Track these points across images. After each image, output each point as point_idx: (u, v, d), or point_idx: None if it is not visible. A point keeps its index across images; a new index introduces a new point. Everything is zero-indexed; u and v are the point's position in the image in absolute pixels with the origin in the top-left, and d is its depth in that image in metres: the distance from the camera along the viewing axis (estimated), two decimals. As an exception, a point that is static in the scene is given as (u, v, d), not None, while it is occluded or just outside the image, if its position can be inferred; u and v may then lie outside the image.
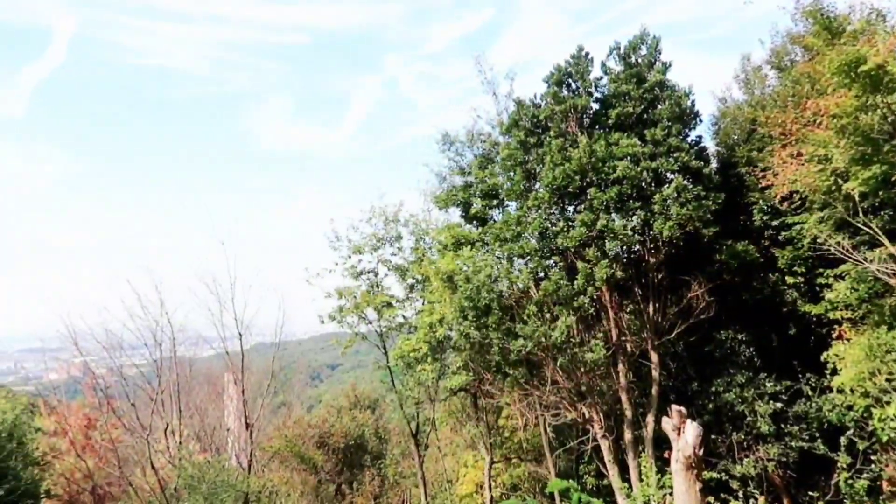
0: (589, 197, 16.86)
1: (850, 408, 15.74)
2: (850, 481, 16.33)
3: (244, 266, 23.67)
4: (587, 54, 18.38)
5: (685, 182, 16.11)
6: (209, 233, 22.37)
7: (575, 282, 16.61)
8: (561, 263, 17.76)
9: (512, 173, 18.85)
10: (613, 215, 16.80)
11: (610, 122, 17.66)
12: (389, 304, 23.54)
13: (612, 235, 16.51)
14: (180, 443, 21.74)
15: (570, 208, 18.40)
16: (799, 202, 16.28)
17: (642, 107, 17.48)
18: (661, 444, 16.63)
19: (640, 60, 17.94)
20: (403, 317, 23.99)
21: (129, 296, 22.04)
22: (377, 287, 24.31)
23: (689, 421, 10.26)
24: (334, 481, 28.93)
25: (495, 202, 21.16)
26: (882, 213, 15.10)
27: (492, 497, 22.68)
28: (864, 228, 14.33)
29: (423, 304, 23.03)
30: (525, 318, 16.96)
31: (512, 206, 20.55)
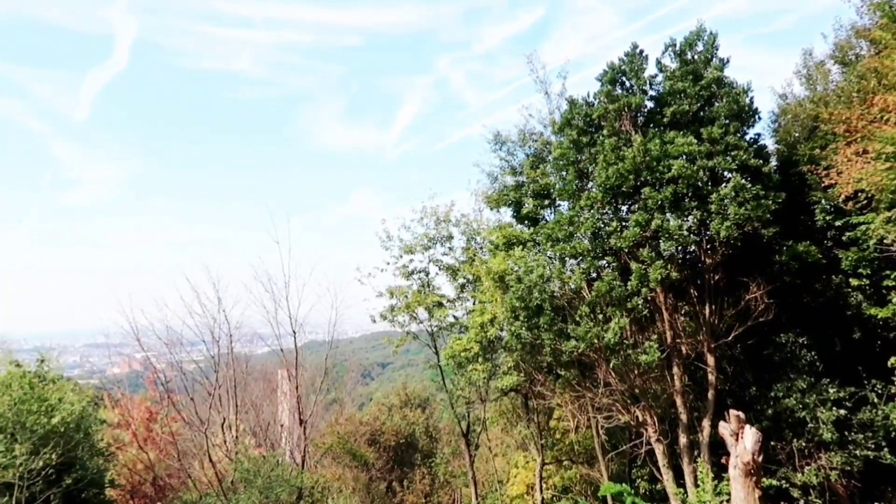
0: (643, 196, 16.61)
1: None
2: (919, 492, 15.68)
3: (299, 265, 24.10)
4: (641, 52, 18.11)
5: (743, 181, 15.69)
6: (265, 231, 22.76)
7: (628, 283, 16.39)
8: (614, 264, 17.53)
9: (564, 173, 18.71)
10: (668, 215, 16.49)
11: (665, 120, 17.36)
12: (440, 304, 23.64)
13: (666, 236, 16.22)
14: (237, 437, 22.28)
15: (624, 208, 18.17)
16: (864, 201, 15.65)
17: (699, 104, 17.13)
18: (718, 449, 16.27)
19: (696, 57, 17.56)
20: (454, 317, 24.07)
21: (187, 293, 22.68)
22: (428, 287, 24.45)
23: (747, 426, 10.03)
24: (385, 479, 29.22)
25: (547, 202, 21.06)
26: (955, 212, 14.45)
27: (543, 499, 22.55)
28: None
29: (473, 304, 23.07)
30: (577, 318, 16.81)
31: (564, 205, 20.43)
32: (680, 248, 17.19)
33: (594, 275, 18.01)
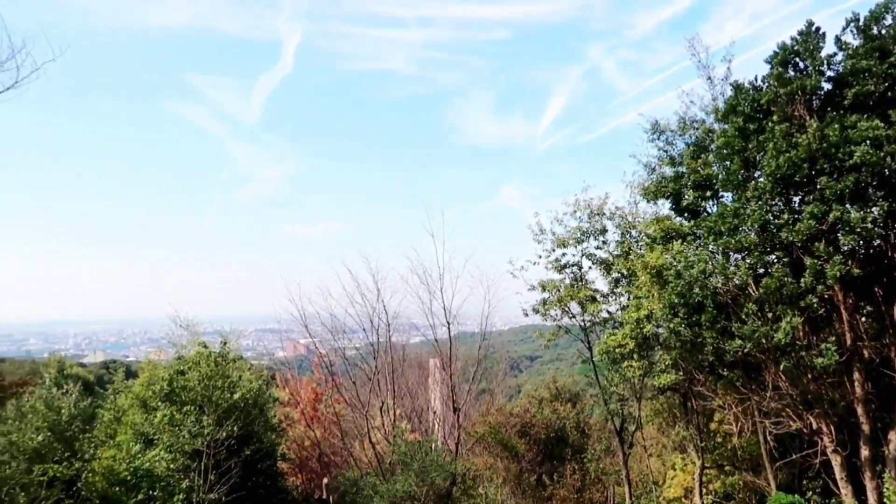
0: (819, 186, 15.32)
1: None
2: None
3: (453, 257, 24.79)
4: (818, 29, 16.66)
5: (941, 168, 14.01)
6: (421, 224, 23.66)
7: (802, 279, 15.19)
8: (785, 259, 16.30)
9: (728, 162, 17.68)
10: (849, 206, 15.08)
11: (845, 102, 15.84)
12: (594, 299, 23.24)
13: (847, 229, 14.85)
14: (394, 421, 23.35)
15: (796, 199, 16.83)
16: None
17: (886, 84, 15.47)
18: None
19: (883, 32, 15.85)
20: (608, 312, 23.56)
21: (349, 283, 24.08)
22: (581, 281, 24.12)
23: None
24: (535, 471, 29.27)
25: (709, 193, 20.00)
26: None
27: (702, 504, 21.58)
28: None
29: (628, 299, 22.45)
30: (743, 316, 15.87)
31: (727, 197, 19.31)
32: (862, 242, 15.66)
33: (762, 270, 16.88)
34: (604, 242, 23.91)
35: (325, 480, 23.71)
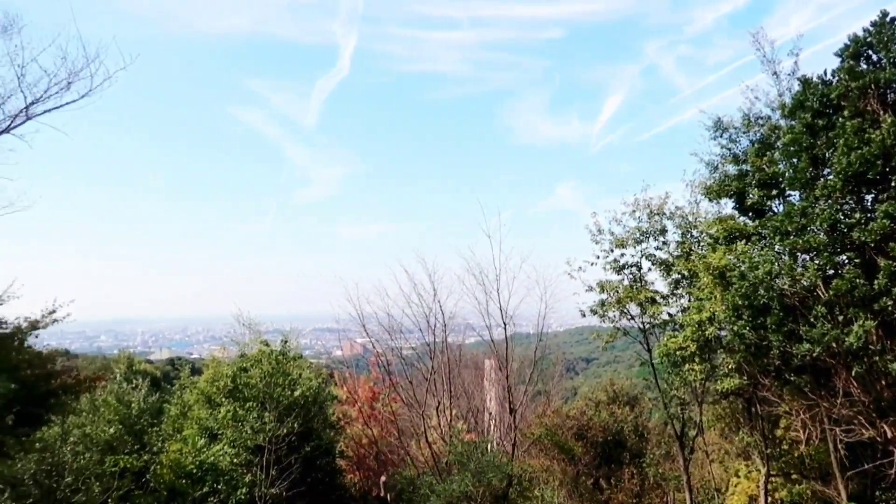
0: (894, 184, 14.67)
1: None
2: None
3: (509, 257, 24.59)
4: (893, 20, 15.94)
5: None
6: (477, 224, 23.60)
7: (875, 281, 14.56)
8: (856, 260, 15.64)
9: (796, 160, 17.08)
10: (927, 205, 14.37)
11: (923, 96, 15.14)
12: (653, 300, 22.80)
13: (925, 228, 14.17)
14: (450, 421, 23.42)
15: (869, 197, 16.13)
16: None
17: (968, 76, 14.70)
18: None
19: (965, 21, 15.09)
20: (668, 313, 23.07)
21: (406, 283, 24.24)
22: (640, 282, 23.70)
23: None
24: (592, 475, 28.92)
25: (774, 192, 19.35)
26: None
27: (767, 512, 20.91)
28: None
29: (689, 300, 21.95)
30: (811, 319, 15.31)
31: (794, 195, 18.66)
32: (941, 242, 14.90)
33: (831, 272, 16.25)
34: (664, 243, 23.43)
35: (383, 478, 23.97)
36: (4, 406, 20.68)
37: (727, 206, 21.33)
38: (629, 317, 24.07)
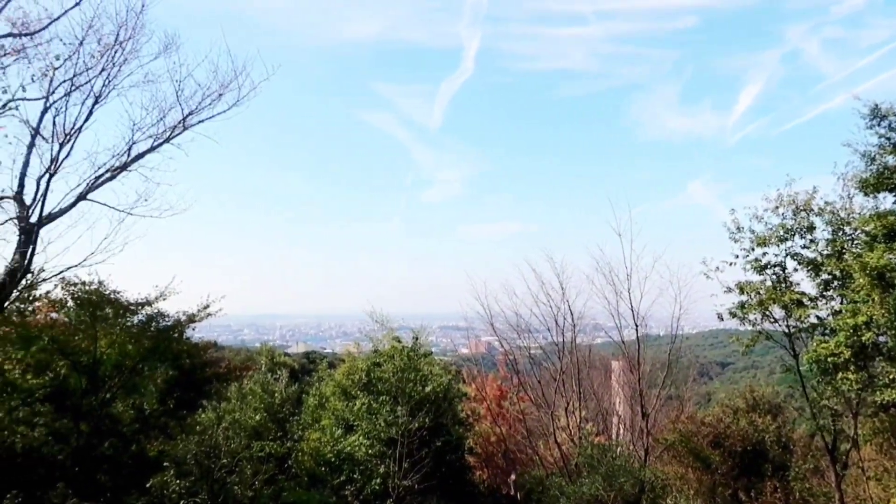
0: None
1: None
2: None
3: (641, 256, 23.81)
4: None
5: None
6: (606, 222, 23.10)
7: None
8: None
9: (971, 149, 15.41)
10: None
11: None
12: (800, 303, 21.29)
13: None
14: (580, 422, 23.11)
15: None
16: None
17: None
18: None
19: None
20: (817, 317, 21.47)
21: (533, 282, 24.14)
22: (784, 283, 22.22)
23: None
24: (731, 486, 27.45)
25: (944, 185, 17.57)
26: None
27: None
28: None
29: (842, 303, 20.34)
30: None
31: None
32: None
33: None
34: (811, 241, 21.79)
35: (513, 477, 24.06)
36: (167, 391, 22.74)
37: (886, 200, 19.57)
38: (772, 320, 22.63)
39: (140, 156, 17.92)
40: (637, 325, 22.85)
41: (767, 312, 22.27)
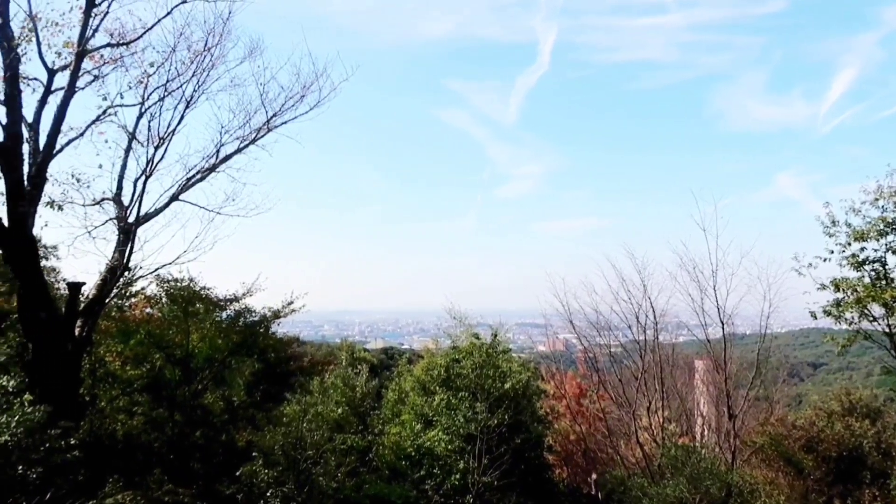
0: None
1: None
2: None
3: (727, 252, 22.94)
4: None
5: None
6: (690, 217, 22.33)
7: None
8: None
9: None
10: None
11: None
12: (903, 300, 20.05)
13: None
14: (663, 423, 22.56)
15: None
16: None
17: None
18: None
19: None
20: (921, 316, 20.17)
21: (613, 279, 23.67)
22: (885, 279, 20.96)
23: None
24: (825, 493, 26.16)
25: None
26: None
27: None
28: None
29: (950, 301, 19.04)
30: None
31: None
32: None
33: None
34: (916, 235, 20.48)
35: (594, 476, 23.74)
36: (254, 384, 23.64)
37: None
38: (870, 318, 21.38)
39: (228, 157, 18.77)
40: (723, 323, 22.06)
41: (866, 311, 21.05)
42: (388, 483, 19.48)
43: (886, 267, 21.17)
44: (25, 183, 14.30)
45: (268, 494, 15.69)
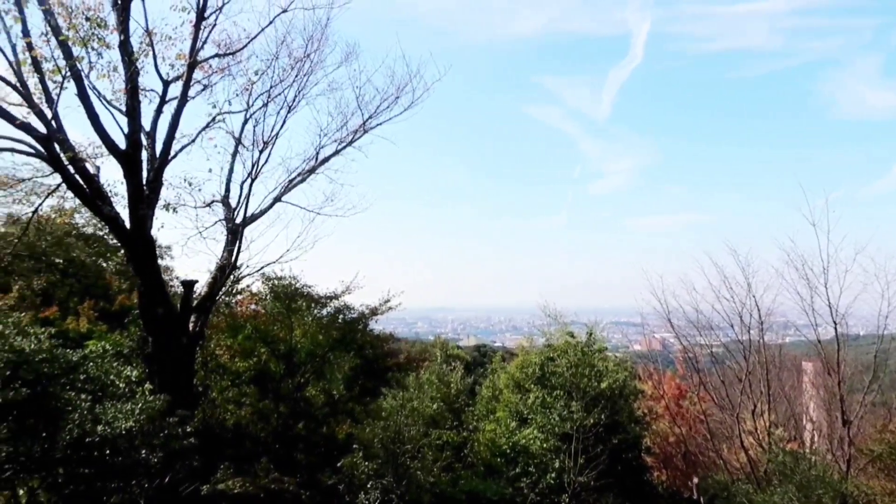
0: None
1: None
2: None
3: (840, 248, 21.53)
4: None
5: None
6: (797, 211, 21.07)
7: None
8: None
9: None
10: None
11: None
12: None
13: None
14: (769, 427, 21.56)
15: None
16: None
17: None
18: None
19: None
20: None
21: (714, 277, 22.75)
22: None
23: None
24: (953, 506, 24.26)
25: None
26: None
27: None
28: None
29: None
30: None
31: None
32: None
33: None
34: None
35: (695, 480, 22.98)
36: (353, 378, 24.37)
37: None
38: None
39: (326, 159, 19.52)
40: (836, 323, 20.79)
41: None
42: (483, 479, 19.62)
43: None
44: (144, 187, 15.40)
45: (368, 486, 16.16)
